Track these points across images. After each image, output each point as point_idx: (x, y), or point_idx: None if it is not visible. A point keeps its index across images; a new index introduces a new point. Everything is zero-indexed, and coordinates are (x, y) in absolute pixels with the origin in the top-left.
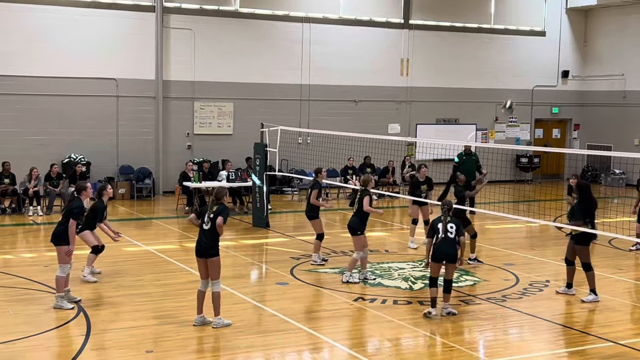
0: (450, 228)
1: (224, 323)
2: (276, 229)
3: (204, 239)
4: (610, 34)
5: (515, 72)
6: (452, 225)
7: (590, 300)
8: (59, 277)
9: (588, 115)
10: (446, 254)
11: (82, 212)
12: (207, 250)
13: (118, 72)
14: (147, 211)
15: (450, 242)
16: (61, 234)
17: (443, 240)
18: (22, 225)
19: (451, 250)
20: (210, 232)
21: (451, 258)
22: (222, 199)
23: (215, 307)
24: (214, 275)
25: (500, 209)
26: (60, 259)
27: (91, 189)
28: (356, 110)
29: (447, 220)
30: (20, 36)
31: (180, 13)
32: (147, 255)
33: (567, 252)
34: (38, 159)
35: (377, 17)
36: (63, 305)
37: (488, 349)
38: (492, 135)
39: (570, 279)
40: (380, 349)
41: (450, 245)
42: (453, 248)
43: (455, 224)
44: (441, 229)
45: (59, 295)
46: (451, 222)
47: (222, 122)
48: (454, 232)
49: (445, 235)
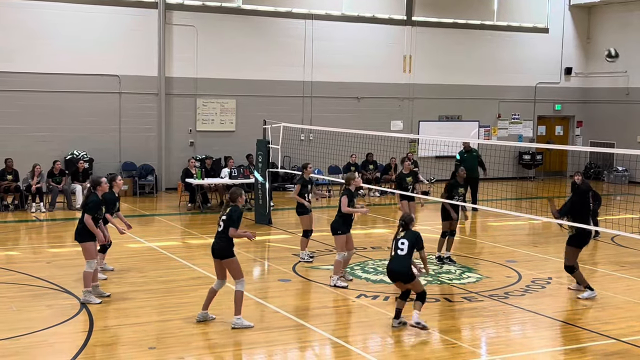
0: (401, 244)
1: (244, 324)
2: (278, 225)
3: (217, 240)
4: (613, 31)
5: (518, 69)
6: (404, 242)
7: (587, 297)
8: (87, 272)
9: (591, 112)
10: (397, 272)
11: (97, 206)
12: (220, 252)
13: (120, 69)
14: (150, 208)
15: (401, 259)
16: (82, 230)
17: (395, 257)
18: (24, 221)
19: (402, 269)
20: (223, 233)
21: (403, 277)
22: (236, 201)
23: (236, 306)
24: (234, 275)
25: (502, 206)
26: (86, 255)
27: (107, 184)
28: (359, 107)
29: (400, 236)
30: (23, 33)
31: (182, 9)
32: (150, 251)
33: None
34: (41, 156)
35: (380, 14)
36: (91, 299)
37: (490, 345)
38: (494, 132)
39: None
40: (383, 346)
41: (400, 263)
42: (404, 266)
43: (408, 239)
44: (392, 246)
45: (87, 290)
46: (404, 237)
47: (225, 118)
48: (405, 249)
49: (395, 252)
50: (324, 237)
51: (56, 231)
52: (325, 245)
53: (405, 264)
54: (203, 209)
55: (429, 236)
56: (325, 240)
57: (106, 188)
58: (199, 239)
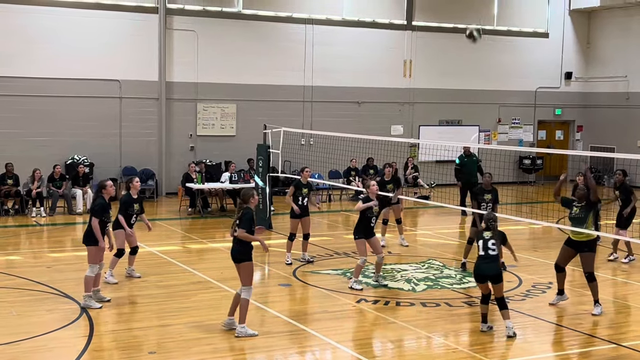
0: (492, 245)
1: (248, 333)
2: (279, 230)
3: (234, 245)
4: (613, 36)
5: (518, 74)
6: (494, 242)
7: (599, 313)
8: (88, 276)
9: (591, 116)
10: (490, 274)
11: (102, 209)
12: (237, 256)
13: (121, 74)
14: (150, 212)
15: (494, 259)
16: (88, 233)
17: (482, 258)
18: (25, 226)
19: (496, 270)
20: (238, 238)
21: (495, 278)
22: (248, 201)
23: (240, 314)
24: (243, 280)
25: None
26: (89, 259)
27: (112, 187)
28: (359, 111)
29: (489, 236)
30: (23, 38)
31: (183, 14)
32: (150, 256)
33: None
34: (41, 160)
35: (380, 19)
36: (91, 304)
37: (490, 350)
38: (495, 137)
39: (561, 285)
40: (383, 351)
41: (494, 263)
42: (496, 267)
43: (497, 239)
44: (481, 246)
45: (87, 294)
46: (493, 238)
47: (225, 123)
48: (496, 249)
49: (485, 252)
50: (325, 242)
51: (56, 236)
52: (326, 250)
53: (497, 264)
54: (203, 214)
55: (431, 241)
56: (325, 245)
57: (112, 191)
58: (199, 244)
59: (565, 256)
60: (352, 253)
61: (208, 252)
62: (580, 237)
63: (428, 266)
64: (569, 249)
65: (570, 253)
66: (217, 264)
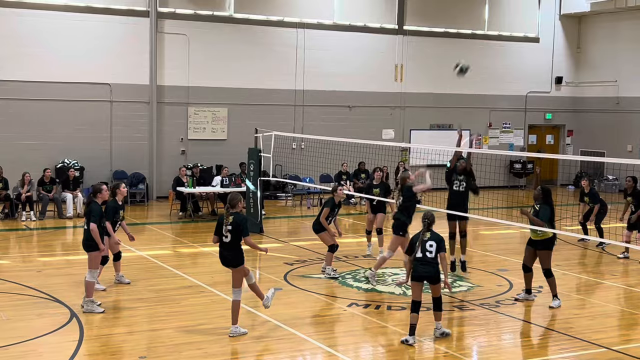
0: (430, 247)
1: (241, 332)
2: (270, 234)
3: (225, 253)
4: (603, 41)
5: (508, 78)
6: (432, 244)
7: (557, 306)
8: (88, 281)
9: (581, 121)
10: (428, 274)
11: (99, 215)
12: (231, 262)
13: (112, 77)
14: (141, 216)
15: (430, 262)
16: (87, 239)
17: (423, 259)
18: (14, 230)
19: (433, 272)
20: (231, 244)
21: (432, 278)
22: (236, 206)
23: (232, 316)
24: (235, 282)
25: (493, 215)
26: (90, 264)
27: (107, 191)
28: (350, 115)
29: (427, 237)
30: (13, 41)
31: (174, 18)
32: (141, 260)
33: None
34: (31, 164)
35: (371, 23)
36: (93, 309)
37: (481, 354)
38: (485, 141)
39: (529, 285)
40: (375, 355)
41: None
42: (434, 269)
43: (435, 240)
44: (419, 247)
45: (89, 299)
46: (431, 239)
47: (216, 127)
48: (434, 251)
49: (423, 254)
50: (314, 246)
51: (46, 240)
52: (317, 254)
53: (436, 267)
54: (194, 218)
55: None
56: (314, 249)
57: (106, 196)
58: (190, 248)
59: (528, 256)
60: (344, 257)
61: (199, 257)
62: (537, 236)
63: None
64: (530, 249)
65: (532, 252)
66: (208, 268)
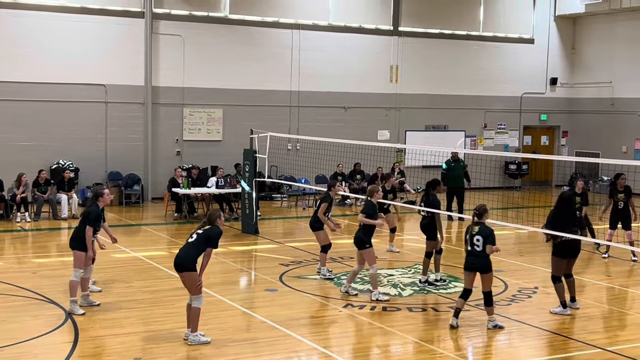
0: (477, 241)
1: (201, 340)
2: (265, 235)
3: (181, 251)
4: (598, 42)
5: (503, 79)
6: (479, 238)
7: (558, 312)
8: (73, 281)
9: (576, 122)
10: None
11: (97, 219)
12: (181, 263)
13: (107, 78)
14: (136, 217)
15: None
16: (76, 238)
17: (470, 252)
18: (9, 231)
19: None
20: (192, 245)
21: (482, 269)
22: (215, 222)
23: (191, 322)
24: (190, 290)
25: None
26: (75, 264)
27: (109, 196)
28: (345, 116)
29: (475, 231)
30: (8, 42)
31: (169, 19)
32: (136, 261)
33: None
34: (26, 165)
35: (367, 24)
36: (75, 310)
37: (476, 355)
38: (481, 142)
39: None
40: (370, 356)
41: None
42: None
43: (482, 235)
44: (467, 241)
45: (73, 299)
46: (478, 233)
47: (212, 128)
48: (481, 245)
49: (472, 248)
50: (310, 247)
51: (41, 241)
52: (312, 255)
53: (486, 259)
54: (189, 219)
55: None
56: (310, 250)
57: (108, 200)
58: None
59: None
60: (339, 258)
61: None
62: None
63: (414, 271)
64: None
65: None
66: None
